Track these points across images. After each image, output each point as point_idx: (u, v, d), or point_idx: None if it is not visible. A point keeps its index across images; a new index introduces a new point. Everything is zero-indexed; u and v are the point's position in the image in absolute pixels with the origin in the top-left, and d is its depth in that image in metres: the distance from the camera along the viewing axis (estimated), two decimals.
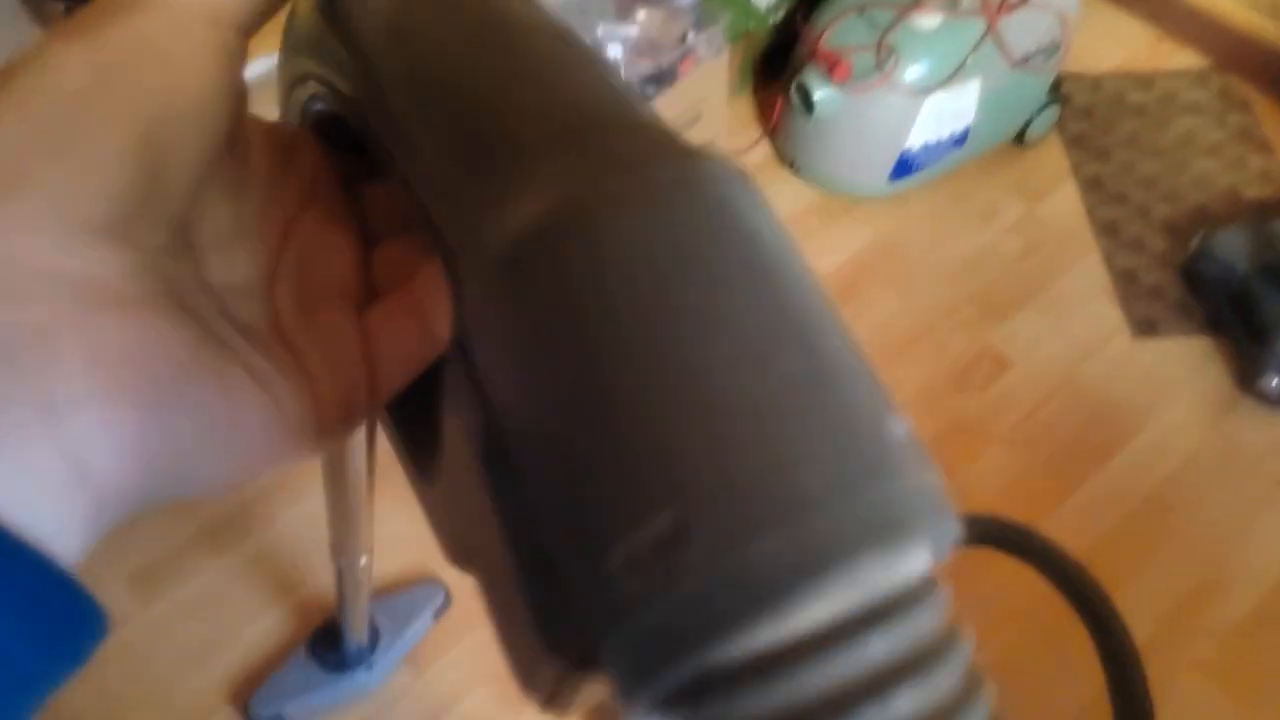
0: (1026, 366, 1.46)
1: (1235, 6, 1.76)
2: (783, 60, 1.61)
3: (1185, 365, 1.46)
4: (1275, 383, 1.38)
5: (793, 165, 1.64)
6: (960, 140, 1.55)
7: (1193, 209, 1.62)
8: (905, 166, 1.55)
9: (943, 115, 1.49)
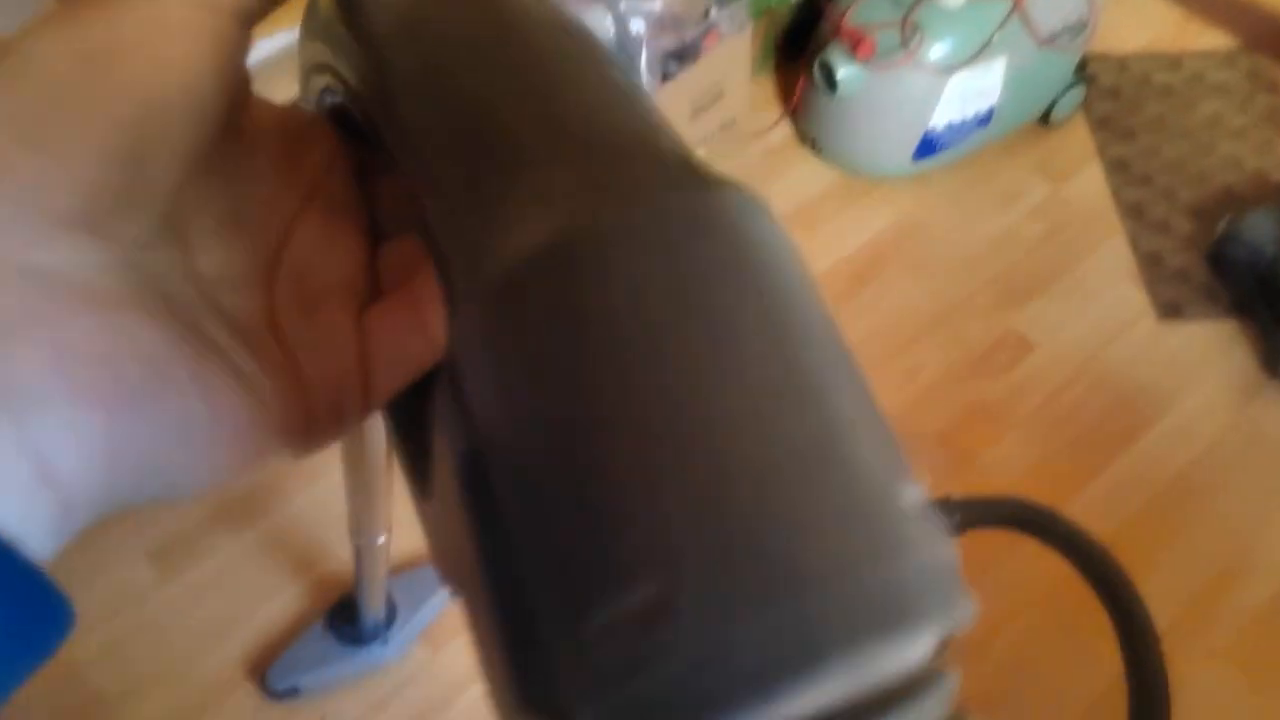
0: (1050, 350, 1.44)
1: None
2: (805, 38, 1.59)
3: (1210, 349, 1.44)
4: None
5: (814, 145, 1.63)
6: (985, 120, 1.53)
7: (1219, 191, 1.60)
8: (928, 146, 1.53)
9: (967, 94, 1.47)
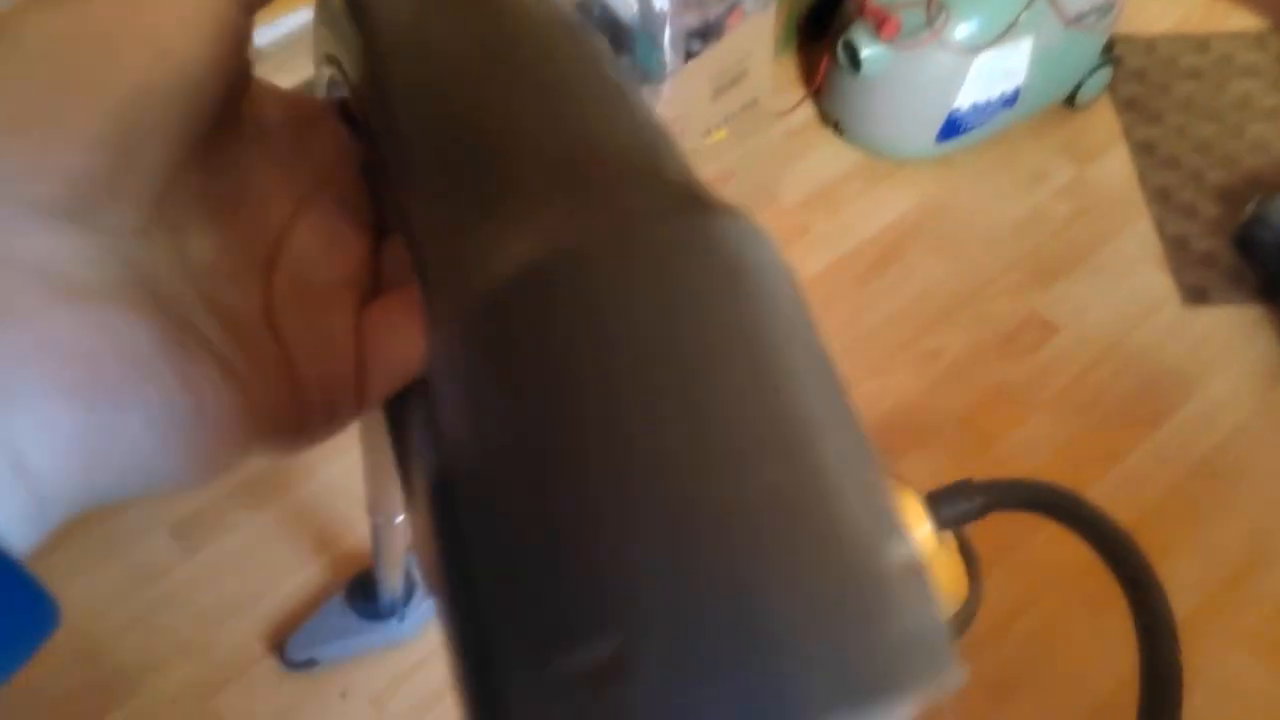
0: (1074, 333, 1.43)
1: None
2: (828, 17, 1.58)
3: (1236, 334, 1.43)
4: None
5: (836, 126, 1.61)
6: (1010, 101, 1.51)
7: (1248, 175, 1.58)
8: (953, 127, 1.52)
9: (993, 74, 1.45)
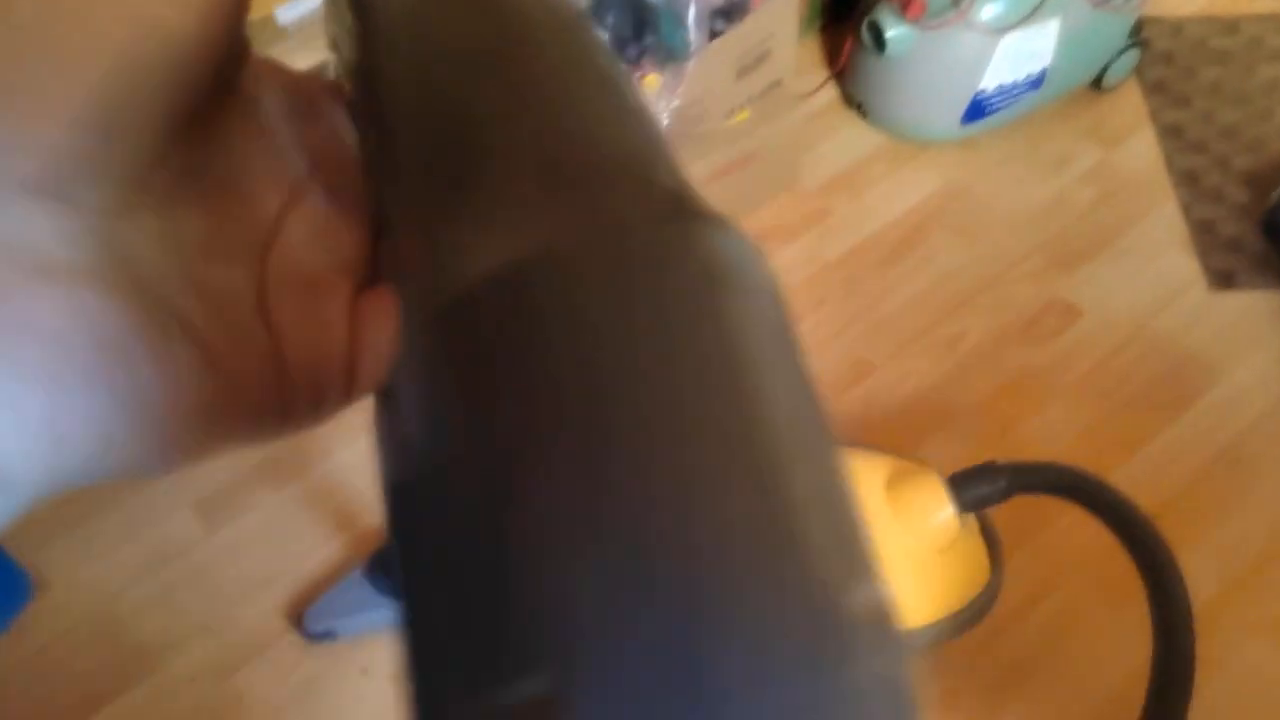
0: (1098, 317, 1.42)
1: None
2: None
3: (1263, 319, 1.41)
4: None
5: (860, 108, 1.60)
6: (1036, 83, 1.50)
7: (1275, 159, 1.56)
8: (978, 109, 1.50)
9: (1019, 56, 1.44)
